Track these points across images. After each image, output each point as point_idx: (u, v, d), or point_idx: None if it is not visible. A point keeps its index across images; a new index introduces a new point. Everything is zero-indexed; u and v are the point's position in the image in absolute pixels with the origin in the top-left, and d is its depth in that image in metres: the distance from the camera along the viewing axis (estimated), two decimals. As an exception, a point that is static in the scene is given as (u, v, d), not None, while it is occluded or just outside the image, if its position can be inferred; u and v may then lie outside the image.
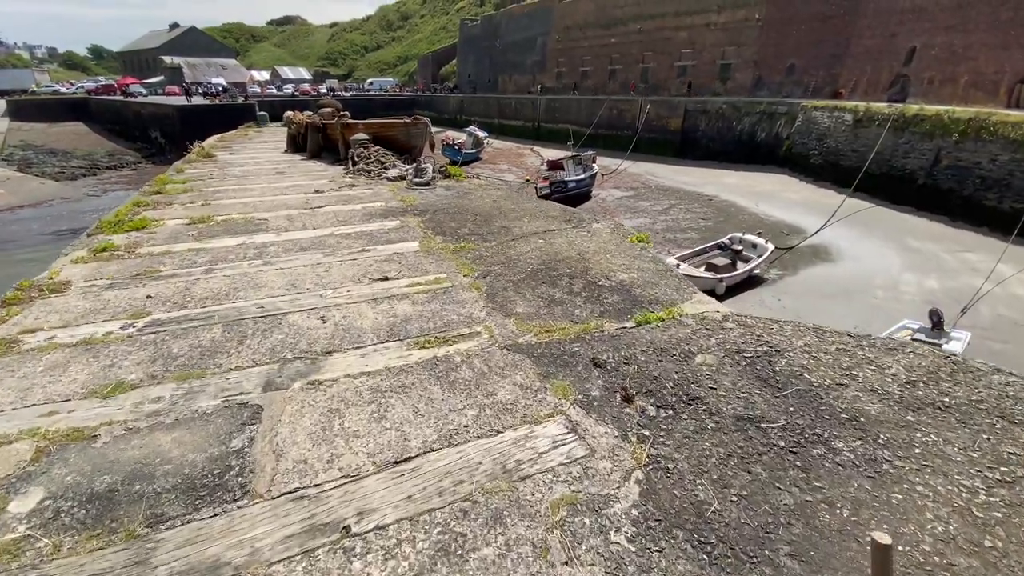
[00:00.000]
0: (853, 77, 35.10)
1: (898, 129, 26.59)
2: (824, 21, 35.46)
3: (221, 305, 3.27)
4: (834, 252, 20.55)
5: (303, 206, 6.00)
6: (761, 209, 25.40)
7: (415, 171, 7.03)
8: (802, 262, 19.35)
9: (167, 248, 4.37)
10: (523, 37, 58.57)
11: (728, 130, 37.14)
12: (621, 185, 32.21)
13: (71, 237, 6.05)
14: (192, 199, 6.27)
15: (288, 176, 8.00)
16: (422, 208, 5.82)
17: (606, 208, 26.92)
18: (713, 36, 41.87)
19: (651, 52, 46.21)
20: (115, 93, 56.63)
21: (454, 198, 6.29)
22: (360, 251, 4.37)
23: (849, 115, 29.32)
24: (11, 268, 14.77)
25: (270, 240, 4.68)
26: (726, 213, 25.19)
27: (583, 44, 51.98)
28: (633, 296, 3.35)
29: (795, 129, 32.69)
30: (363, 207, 5.96)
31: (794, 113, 32.84)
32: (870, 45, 34.18)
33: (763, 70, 39.21)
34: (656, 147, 39.43)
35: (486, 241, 4.56)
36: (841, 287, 17.50)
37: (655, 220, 24.58)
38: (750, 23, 39.35)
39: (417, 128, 9.07)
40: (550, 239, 4.52)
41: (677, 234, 22.55)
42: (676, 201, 27.77)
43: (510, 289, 3.49)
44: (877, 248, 20.80)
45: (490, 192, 6.59)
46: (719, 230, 22.87)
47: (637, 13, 46.67)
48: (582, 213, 5.37)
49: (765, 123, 35.16)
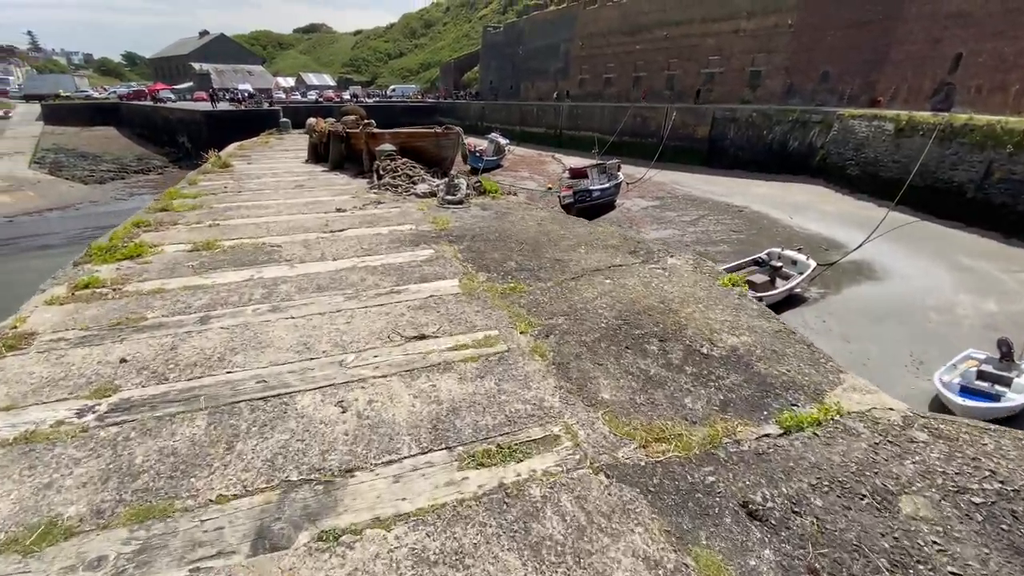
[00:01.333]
0: (892, 84, 33.60)
1: (944, 139, 25.16)
2: (861, 27, 34.06)
3: (212, 376, 2.49)
4: (879, 269, 19.26)
5: (322, 229, 5.25)
6: (795, 222, 24.14)
7: (447, 187, 6.26)
8: (845, 279, 18.10)
9: (160, 285, 3.63)
10: (546, 44, 58.10)
11: (758, 139, 35.93)
12: (646, 194, 31.18)
13: (90, 240, 5.38)
14: (200, 218, 5.59)
15: (307, 190, 7.29)
16: (458, 233, 5.00)
17: (631, 218, 25.93)
18: (742, 42, 40.76)
19: (677, 59, 45.25)
20: (146, 98, 57.81)
21: (492, 220, 5.47)
22: (389, 292, 3.57)
23: (890, 124, 27.89)
24: (24, 274, 14.36)
25: (282, 275, 3.92)
26: (758, 225, 23.99)
27: (607, 51, 51.23)
28: (758, 375, 2.48)
29: (830, 138, 31.30)
30: (390, 231, 5.19)
31: (829, 121, 31.46)
32: (911, 51, 32.69)
33: (795, 77, 37.89)
34: (682, 155, 38.41)
35: (539, 280, 3.72)
36: (890, 308, 16.23)
37: (684, 232, 23.52)
38: (781, 29, 38.13)
39: (448, 139, 8.28)
40: (619, 278, 3.67)
41: (708, 247, 21.43)
42: (705, 212, 26.65)
43: (585, 356, 2.65)
44: (925, 266, 19.42)
45: (532, 213, 5.77)
46: (752, 243, 21.74)
47: (663, 20, 45.83)
48: (649, 242, 4.51)
49: (798, 132, 33.83)
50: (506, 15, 76.95)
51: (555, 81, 57.19)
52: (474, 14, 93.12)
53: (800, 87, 37.56)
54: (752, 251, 20.42)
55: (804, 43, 36.91)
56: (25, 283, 4.86)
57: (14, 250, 21.94)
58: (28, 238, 24.13)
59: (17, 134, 45.52)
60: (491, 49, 66.42)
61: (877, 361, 12.12)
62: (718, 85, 42.60)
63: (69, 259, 4.32)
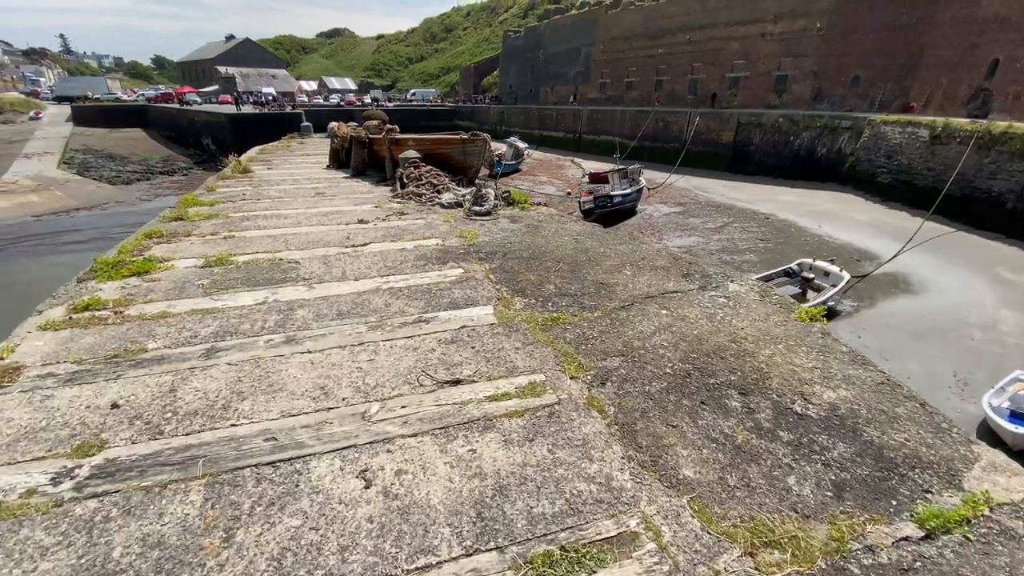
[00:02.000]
0: (926, 90, 32.48)
1: (983, 147, 24.14)
2: (894, 31, 33.01)
3: (214, 431, 2.11)
4: (915, 282, 18.37)
5: (343, 243, 4.91)
6: (825, 230, 23.28)
7: (474, 197, 5.87)
8: (879, 292, 17.28)
9: (166, 308, 3.28)
10: (567, 48, 57.81)
11: (784, 144, 35.05)
12: (668, 200, 30.51)
13: (113, 241, 5.13)
14: (215, 228, 5.29)
15: (328, 199, 6.98)
16: (488, 249, 4.59)
17: (653, 225, 25.32)
18: (768, 46, 39.92)
19: (701, 63, 44.56)
20: (172, 101, 59.05)
21: (524, 234, 5.06)
22: (416, 321, 3.17)
23: (925, 131, 26.87)
24: (43, 271, 14.48)
25: (299, 297, 3.55)
26: (785, 234, 23.19)
27: (628, 55, 50.72)
28: (871, 445, 2.00)
29: (860, 145, 30.30)
30: (415, 246, 4.82)
31: (860, 128, 30.46)
32: (946, 56, 31.59)
33: (824, 82, 36.90)
34: (705, 161, 37.70)
35: (584, 308, 3.29)
36: (929, 324, 15.40)
37: (708, 240, 22.84)
38: (810, 32, 37.18)
39: (475, 145, 7.90)
40: (677, 309, 3.21)
41: (734, 255, 20.75)
42: (729, 219, 25.91)
43: (653, 413, 2.20)
44: (965, 279, 18.47)
45: (567, 226, 5.33)
46: (780, 253, 20.99)
47: (686, 23, 45.20)
48: (704, 263, 4.05)
49: (826, 138, 32.87)
50: (526, 19, 76.92)
51: (575, 85, 56.83)
52: (494, 19, 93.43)
53: (829, 92, 36.56)
54: (780, 261, 19.68)
55: (834, 47, 35.94)
56: (47, 280, 4.67)
57: (39, 249, 22.29)
58: (53, 235, 24.55)
59: (47, 135, 46.79)
60: (511, 53, 66.37)
61: (919, 382, 11.38)
62: (743, 90, 41.79)
63: (91, 257, 4.05)
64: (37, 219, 29.71)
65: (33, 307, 3.25)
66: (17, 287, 16.94)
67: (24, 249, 23.25)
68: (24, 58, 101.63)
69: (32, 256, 22.08)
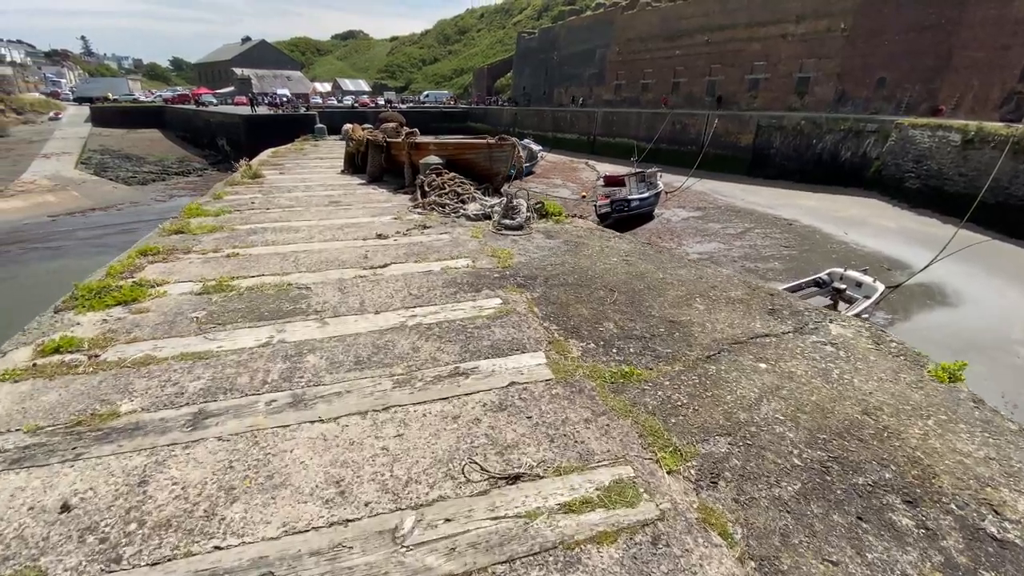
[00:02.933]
0: (956, 93, 31.32)
1: (1018, 152, 23.06)
2: (921, 31, 31.89)
3: (190, 559, 1.51)
4: (950, 293, 17.40)
5: (361, 263, 4.31)
6: (851, 237, 22.32)
7: (504, 209, 5.24)
8: (913, 304, 16.35)
9: (151, 350, 2.69)
10: (582, 49, 57.19)
11: (806, 148, 34.04)
12: (686, 204, 29.69)
13: (126, 244, 4.60)
14: (218, 244, 4.74)
15: (344, 208, 6.39)
16: (526, 273, 3.95)
17: (672, 230, 24.52)
18: (790, 48, 38.93)
19: (719, 64, 43.63)
20: (189, 102, 59.44)
21: (564, 253, 4.42)
22: (452, 373, 2.55)
23: (956, 135, 25.79)
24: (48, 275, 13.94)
25: (310, 337, 2.95)
26: (810, 241, 22.29)
27: (645, 56, 49.92)
28: None
29: (887, 149, 29.22)
30: (443, 268, 4.20)
31: (886, 131, 29.37)
32: (977, 58, 30.46)
33: (848, 84, 35.81)
34: (724, 164, 36.81)
35: (659, 357, 2.64)
36: (969, 340, 14.45)
37: (730, 246, 22.02)
38: (834, 33, 36.14)
39: (502, 151, 7.23)
40: (777, 360, 2.55)
41: (758, 263, 19.89)
42: (751, 224, 25.02)
43: (798, 539, 1.55)
44: (1003, 290, 17.44)
45: (612, 244, 4.67)
46: (805, 260, 20.11)
47: (705, 24, 44.35)
48: (786, 294, 3.38)
49: (851, 141, 31.80)
50: (540, 21, 76.43)
51: (589, 87, 56.13)
52: (508, 20, 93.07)
53: (853, 94, 35.46)
54: (806, 269, 18.81)
55: (859, 48, 34.88)
56: (56, 284, 4.20)
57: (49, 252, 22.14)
58: (64, 235, 24.43)
59: (66, 135, 47.25)
60: (525, 55, 65.88)
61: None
62: (762, 92, 40.81)
63: (105, 259, 3.50)
64: (53, 219, 29.77)
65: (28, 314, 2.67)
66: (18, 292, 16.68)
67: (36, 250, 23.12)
68: (46, 60, 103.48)
69: (39, 260, 21.90)
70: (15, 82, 58.20)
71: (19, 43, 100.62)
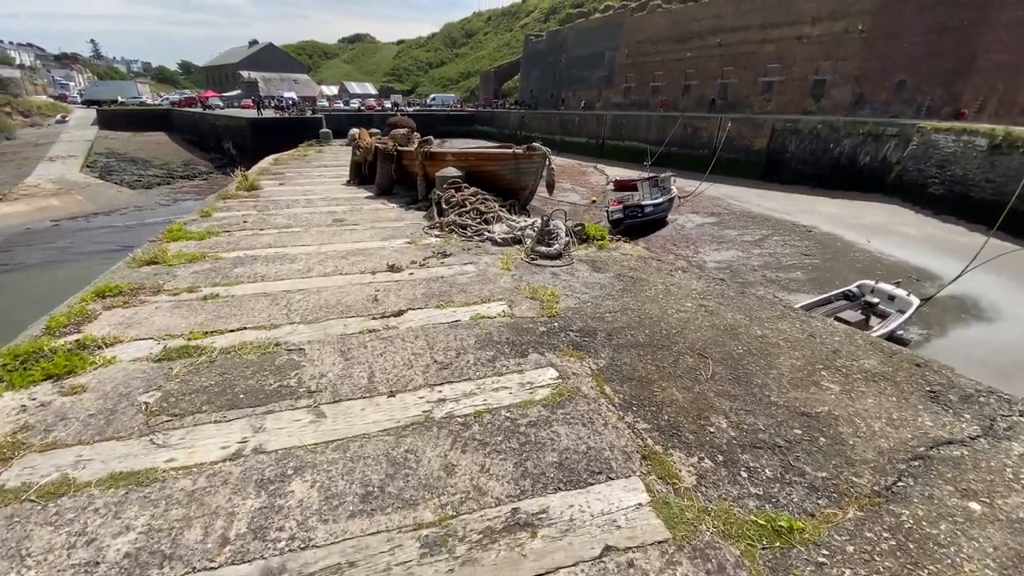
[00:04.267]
0: (980, 96, 30.33)
1: (1050, 158, 22.12)
2: (942, 33, 30.90)
3: None
4: (987, 307, 16.44)
5: (369, 308, 3.52)
6: (875, 246, 21.40)
7: (539, 234, 4.40)
8: (948, 318, 15.41)
9: (71, 466, 1.89)
10: (590, 52, 56.48)
11: (823, 152, 33.12)
12: (700, 209, 28.82)
13: (122, 252, 3.83)
14: (195, 280, 3.95)
15: (349, 229, 5.66)
16: (579, 324, 3.13)
17: (687, 237, 23.66)
18: (805, 50, 38.00)
19: (732, 67, 42.77)
20: (195, 105, 59.17)
21: (621, 294, 3.60)
22: (508, 525, 1.71)
23: (983, 139, 24.81)
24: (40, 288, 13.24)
25: (298, 444, 2.13)
26: (832, 249, 21.38)
27: (655, 59, 49.14)
28: None
29: (908, 153, 28.25)
30: (472, 316, 3.38)
31: (907, 135, 28.41)
32: (1001, 61, 29.50)
33: (866, 87, 34.84)
34: (737, 168, 35.96)
35: (815, 489, 1.78)
36: (1018, 359, 13.52)
37: (748, 254, 21.15)
38: (851, 35, 35.18)
39: (530, 162, 6.29)
40: (992, 497, 1.71)
41: (779, 273, 19.01)
42: (768, 231, 24.13)
43: None
44: (1042, 304, 16.49)
45: (674, 279, 3.82)
46: (828, 270, 19.22)
47: (717, 26, 43.51)
48: (947, 372, 2.54)
49: (870, 146, 30.83)
50: (547, 24, 75.74)
51: (598, 90, 55.41)
52: (515, 23, 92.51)
53: (871, 97, 34.50)
54: (830, 279, 17.95)
55: (877, 50, 33.93)
56: (52, 295, 3.53)
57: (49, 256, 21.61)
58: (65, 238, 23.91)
59: (72, 138, 47.02)
60: (532, 58, 65.23)
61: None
62: (776, 95, 39.94)
63: (102, 267, 2.74)
64: (56, 223, 29.35)
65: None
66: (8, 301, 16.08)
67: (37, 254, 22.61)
68: (55, 63, 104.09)
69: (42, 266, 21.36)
70: (23, 85, 58.19)
71: (29, 46, 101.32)
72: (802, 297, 16.18)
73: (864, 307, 14.59)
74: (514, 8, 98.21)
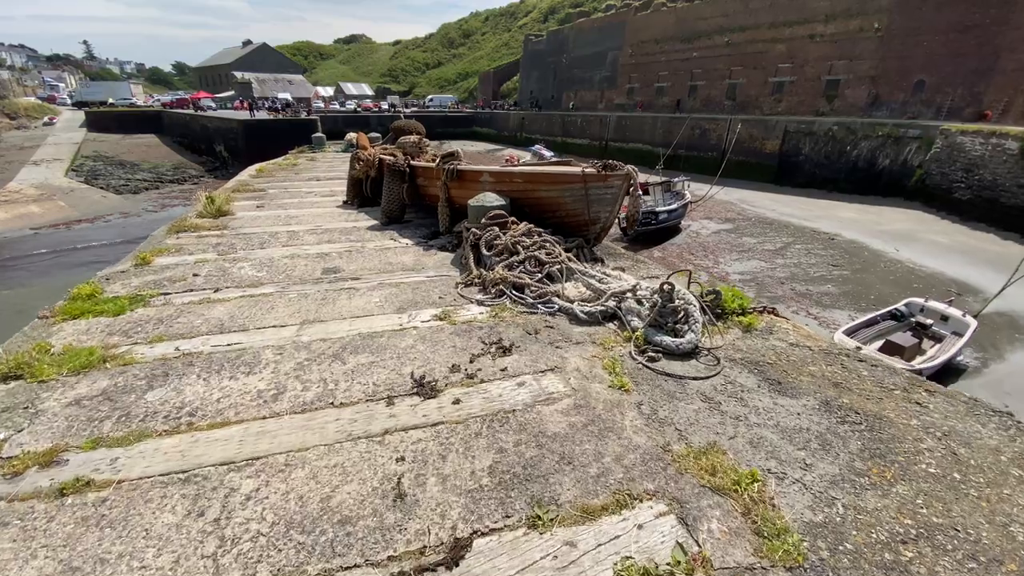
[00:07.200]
0: (1003, 97, 28.97)
1: (1082, 161, 20.81)
2: (964, 31, 29.55)
3: None
4: (1040, 324, 14.95)
5: (387, 533, 1.60)
6: (904, 255, 19.87)
7: (657, 312, 2.54)
8: (1001, 338, 13.89)
9: None
10: (592, 52, 55.03)
11: (839, 155, 31.66)
12: (714, 215, 27.28)
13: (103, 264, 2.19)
14: (66, 431, 2.06)
15: (346, 291, 3.82)
16: None
17: (704, 244, 22.09)
18: (818, 49, 36.61)
19: (740, 67, 41.36)
20: (188, 107, 57.47)
21: (869, 462, 1.91)
22: None
23: (1014, 143, 23.42)
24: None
25: None
26: (859, 258, 19.85)
27: (659, 59, 47.73)
28: None
29: (931, 156, 26.82)
30: (611, 557, 1.50)
31: (930, 137, 27.01)
32: (1025, 60, 28.22)
33: (882, 87, 33.45)
34: (747, 171, 34.47)
35: None
36: (1086, 384, 12.01)
37: (772, 264, 19.59)
38: (867, 33, 33.79)
39: (607, 187, 4.23)
40: None
41: (808, 286, 17.42)
42: (789, 239, 22.63)
43: None
44: (1098, 320, 15.05)
45: (927, 410, 2.06)
46: (860, 283, 17.65)
47: (725, 25, 42.08)
48: None
49: (889, 148, 29.37)
50: (547, 24, 74.34)
51: (600, 91, 54.05)
52: (513, 24, 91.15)
53: (888, 98, 33.13)
54: (863, 292, 16.45)
55: (894, 49, 32.56)
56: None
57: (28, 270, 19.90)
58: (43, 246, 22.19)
59: (59, 140, 45.19)
60: (532, 58, 63.80)
61: None
62: (787, 95, 38.57)
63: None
64: (35, 232, 27.53)
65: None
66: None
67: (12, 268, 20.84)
68: (47, 64, 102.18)
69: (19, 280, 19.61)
70: (10, 86, 56.36)
71: (21, 48, 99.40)
72: (839, 315, 14.69)
73: (915, 328, 13.06)
74: (512, 8, 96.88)
